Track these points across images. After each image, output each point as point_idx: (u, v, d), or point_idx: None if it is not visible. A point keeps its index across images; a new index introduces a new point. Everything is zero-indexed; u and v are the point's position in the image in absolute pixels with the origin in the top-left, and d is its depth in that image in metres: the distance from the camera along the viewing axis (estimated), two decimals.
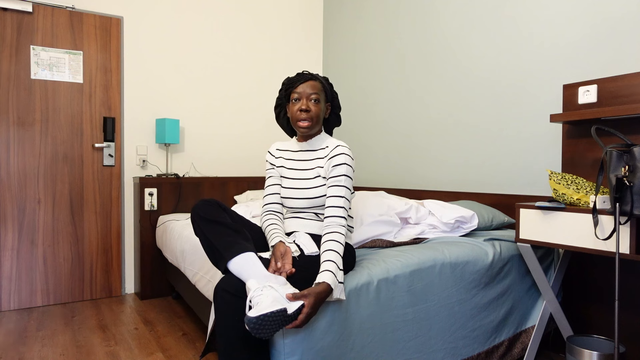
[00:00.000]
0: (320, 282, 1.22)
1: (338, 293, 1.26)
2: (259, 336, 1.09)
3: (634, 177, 1.32)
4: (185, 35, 3.34)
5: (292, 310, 1.14)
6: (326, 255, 1.31)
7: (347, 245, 1.51)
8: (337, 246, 1.34)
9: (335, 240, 1.35)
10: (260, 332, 1.08)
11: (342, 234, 1.38)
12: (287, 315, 1.13)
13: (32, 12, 2.81)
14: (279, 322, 1.11)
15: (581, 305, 1.98)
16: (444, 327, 1.60)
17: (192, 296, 2.27)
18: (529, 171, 2.25)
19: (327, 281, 1.22)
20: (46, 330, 2.42)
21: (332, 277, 1.24)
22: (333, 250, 1.32)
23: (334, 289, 1.23)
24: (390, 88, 3.18)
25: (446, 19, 2.73)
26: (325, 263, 1.29)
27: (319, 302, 1.19)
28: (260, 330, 1.08)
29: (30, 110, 2.82)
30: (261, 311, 1.08)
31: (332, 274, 1.25)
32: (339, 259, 1.31)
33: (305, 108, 1.49)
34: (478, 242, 1.85)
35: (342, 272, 1.30)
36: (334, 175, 1.46)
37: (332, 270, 1.26)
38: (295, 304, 1.15)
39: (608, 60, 1.92)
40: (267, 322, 1.09)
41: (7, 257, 2.76)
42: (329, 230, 1.39)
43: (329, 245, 1.34)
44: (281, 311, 1.11)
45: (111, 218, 3.08)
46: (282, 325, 1.12)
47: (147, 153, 3.20)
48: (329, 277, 1.24)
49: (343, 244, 1.37)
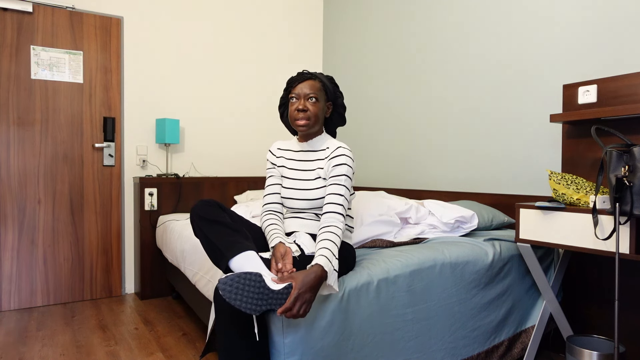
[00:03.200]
0: (311, 265, 1.19)
1: (332, 281, 1.22)
2: (233, 303, 1.00)
3: (634, 177, 1.32)
4: (185, 35, 3.34)
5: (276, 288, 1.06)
6: (321, 244, 1.28)
7: (347, 245, 1.51)
8: (333, 237, 1.31)
9: (332, 232, 1.33)
10: (234, 299, 1.00)
11: (339, 229, 1.36)
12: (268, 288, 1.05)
13: (32, 12, 2.81)
14: (256, 290, 1.02)
15: (581, 305, 1.98)
16: (444, 327, 1.60)
17: (192, 296, 2.27)
18: (529, 171, 2.25)
19: (319, 263, 1.19)
20: (46, 330, 2.42)
21: (325, 261, 1.21)
22: (329, 239, 1.30)
23: (328, 273, 1.19)
24: (390, 88, 3.18)
25: (446, 19, 2.73)
26: (319, 250, 1.26)
27: (309, 283, 1.14)
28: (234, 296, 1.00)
29: (30, 110, 2.82)
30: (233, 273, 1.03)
31: (326, 258, 1.22)
32: (334, 248, 1.28)
33: (302, 108, 1.49)
34: (478, 242, 1.85)
35: (337, 261, 1.26)
36: (334, 174, 1.46)
37: (326, 255, 1.23)
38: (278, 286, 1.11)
39: (608, 60, 1.92)
40: (240, 285, 1.01)
41: (7, 257, 2.76)
42: (326, 224, 1.37)
43: (325, 236, 1.31)
44: (255, 275, 1.02)
45: (111, 218, 3.08)
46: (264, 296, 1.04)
47: (147, 153, 3.21)
48: (322, 260, 1.21)
49: (340, 237, 1.35)
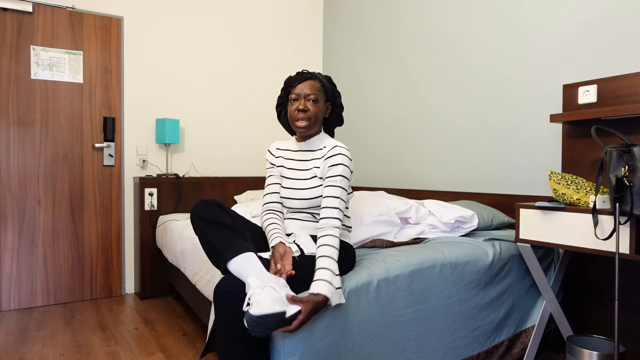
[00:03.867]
0: (317, 294, 1.21)
1: (336, 299, 1.25)
2: (255, 334, 1.10)
3: (634, 177, 1.32)
4: (185, 35, 3.34)
5: (289, 314, 1.15)
6: (321, 262, 1.28)
7: (347, 245, 1.50)
8: (331, 251, 1.31)
9: (329, 245, 1.32)
10: (257, 331, 1.10)
11: (335, 237, 1.36)
12: (285, 319, 1.13)
13: (32, 12, 2.81)
14: (275, 324, 1.12)
15: (581, 305, 1.98)
16: (444, 327, 1.60)
17: (192, 296, 2.27)
18: (529, 171, 2.24)
19: (322, 292, 1.21)
20: (46, 330, 2.42)
21: (327, 287, 1.22)
22: (327, 256, 1.29)
23: (330, 299, 1.22)
24: (391, 88, 3.18)
25: (446, 19, 2.73)
26: (319, 271, 1.26)
27: (314, 311, 1.19)
28: (258, 329, 1.09)
29: (30, 110, 2.82)
30: (262, 310, 1.09)
31: (328, 283, 1.23)
32: (333, 265, 1.28)
33: (303, 108, 1.48)
34: (478, 242, 1.85)
35: (338, 278, 1.28)
36: (330, 175, 1.45)
37: (327, 279, 1.24)
38: (293, 308, 1.15)
39: (608, 60, 1.92)
40: (267, 322, 1.09)
41: (7, 257, 2.77)
42: (322, 234, 1.36)
43: (323, 251, 1.31)
44: (281, 314, 1.12)
45: (111, 218, 3.08)
46: (278, 326, 1.13)
47: (147, 153, 3.20)
48: (325, 288, 1.22)
49: (337, 246, 1.35)
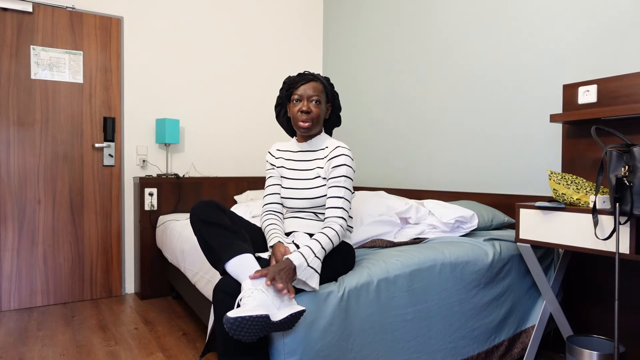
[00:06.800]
0: (287, 259, 1.23)
1: (306, 276, 1.24)
2: (237, 337, 1.07)
3: (634, 177, 1.32)
4: (185, 35, 3.34)
5: (278, 319, 1.11)
6: (308, 242, 1.31)
7: (347, 245, 1.51)
8: (324, 239, 1.34)
9: (325, 234, 1.36)
10: (238, 334, 1.06)
11: (336, 232, 1.38)
12: (271, 323, 1.09)
13: (32, 12, 2.81)
14: (260, 328, 1.08)
15: (581, 305, 1.98)
16: (444, 327, 1.60)
17: (192, 296, 2.27)
18: (529, 171, 2.24)
19: (292, 259, 1.23)
20: (46, 330, 2.42)
21: (300, 259, 1.24)
22: (318, 240, 1.33)
23: (297, 268, 1.22)
24: (391, 88, 3.18)
25: (446, 19, 2.73)
26: (302, 247, 1.29)
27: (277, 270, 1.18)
28: (238, 332, 1.06)
29: (30, 110, 2.82)
30: (240, 313, 1.06)
31: (302, 256, 1.25)
32: (318, 249, 1.30)
33: (306, 109, 1.49)
34: (478, 242, 1.85)
35: (319, 262, 1.29)
36: (334, 176, 1.46)
37: (304, 253, 1.26)
38: (281, 313, 1.13)
39: (608, 60, 1.92)
40: (246, 325, 1.06)
41: (7, 257, 2.76)
42: (324, 226, 1.40)
43: (317, 236, 1.34)
44: (262, 317, 1.07)
45: (111, 218, 3.08)
46: (266, 331, 1.09)
47: (147, 153, 3.20)
48: (297, 259, 1.24)
49: (334, 240, 1.36)
